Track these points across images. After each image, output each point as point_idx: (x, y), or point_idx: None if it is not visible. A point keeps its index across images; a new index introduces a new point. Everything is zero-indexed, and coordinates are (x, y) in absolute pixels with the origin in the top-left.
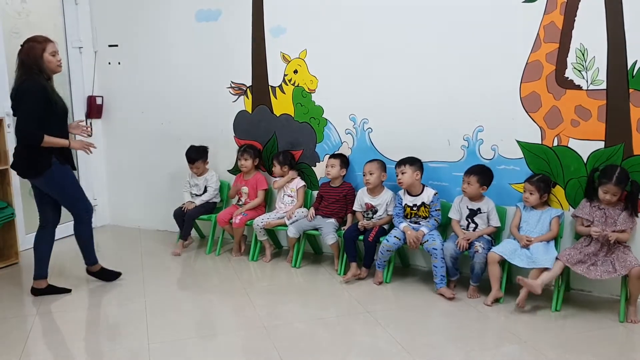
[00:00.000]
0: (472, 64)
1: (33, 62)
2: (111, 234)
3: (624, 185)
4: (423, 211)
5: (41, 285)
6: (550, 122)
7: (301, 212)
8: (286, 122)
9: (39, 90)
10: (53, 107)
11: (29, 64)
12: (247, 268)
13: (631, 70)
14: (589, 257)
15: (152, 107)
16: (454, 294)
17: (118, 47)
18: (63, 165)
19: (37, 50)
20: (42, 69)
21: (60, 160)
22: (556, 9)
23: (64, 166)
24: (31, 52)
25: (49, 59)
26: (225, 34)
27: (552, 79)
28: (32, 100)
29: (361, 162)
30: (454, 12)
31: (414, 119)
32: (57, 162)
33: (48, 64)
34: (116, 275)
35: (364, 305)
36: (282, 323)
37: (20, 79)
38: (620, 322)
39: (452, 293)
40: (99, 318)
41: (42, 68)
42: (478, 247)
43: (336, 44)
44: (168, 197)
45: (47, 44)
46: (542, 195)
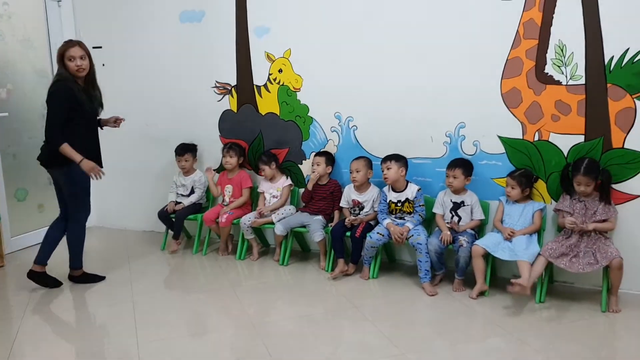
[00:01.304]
0: (453, 62)
1: (60, 65)
2: (97, 236)
3: (594, 176)
4: (407, 207)
5: (36, 270)
6: (531, 117)
7: (288, 209)
8: (272, 121)
9: (63, 93)
10: (79, 110)
11: (59, 67)
12: (234, 267)
13: (608, 66)
14: (571, 248)
15: (137, 108)
16: (435, 292)
17: (102, 48)
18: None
19: (59, 54)
20: (68, 71)
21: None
22: (535, 6)
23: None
24: (58, 55)
25: (67, 63)
26: (209, 35)
27: (532, 74)
28: (56, 103)
29: (347, 160)
30: (435, 11)
31: (398, 116)
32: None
33: (68, 68)
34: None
35: (351, 301)
36: (270, 321)
37: (53, 81)
38: (602, 312)
39: (433, 290)
40: (87, 319)
41: (67, 70)
42: (462, 241)
43: (320, 43)
44: (153, 197)
45: (67, 48)
46: (523, 190)
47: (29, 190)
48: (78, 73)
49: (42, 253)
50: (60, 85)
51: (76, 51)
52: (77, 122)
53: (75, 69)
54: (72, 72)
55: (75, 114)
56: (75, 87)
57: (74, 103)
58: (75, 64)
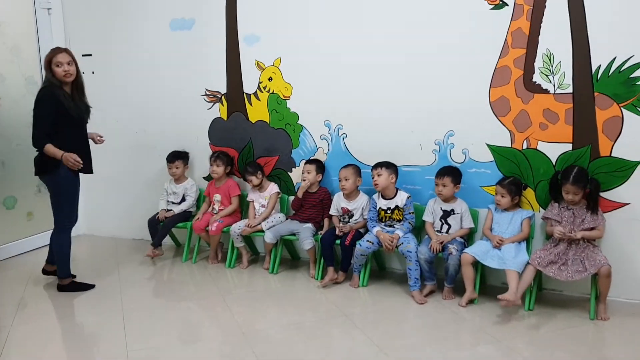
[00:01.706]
0: (442, 70)
1: (47, 71)
2: (86, 244)
3: (582, 184)
4: (397, 214)
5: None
6: (519, 125)
7: (278, 217)
8: (262, 129)
9: (49, 99)
10: (66, 116)
11: (46, 73)
12: (224, 275)
13: (595, 74)
14: (559, 256)
15: (127, 116)
16: (424, 301)
17: (92, 56)
18: (70, 171)
19: (46, 62)
20: (54, 77)
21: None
22: (523, 15)
23: (71, 172)
24: (45, 63)
25: (54, 69)
26: (200, 43)
27: (521, 83)
28: (41, 108)
29: (337, 167)
30: (423, 20)
31: (387, 124)
32: (66, 166)
33: (55, 74)
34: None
35: (341, 309)
36: (260, 329)
37: (40, 87)
38: (590, 320)
39: (422, 299)
40: (76, 327)
41: (54, 77)
42: (452, 249)
43: (310, 52)
44: (143, 206)
45: (55, 54)
46: (513, 198)
47: (18, 198)
48: (65, 78)
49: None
50: (47, 91)
51: (63, 57)
52: (64, 128)
53: (63, 74)
54: (59, 78)
55: (62, 119)
56: (62, 94)
57: (60, 109)
58: (62, 69)
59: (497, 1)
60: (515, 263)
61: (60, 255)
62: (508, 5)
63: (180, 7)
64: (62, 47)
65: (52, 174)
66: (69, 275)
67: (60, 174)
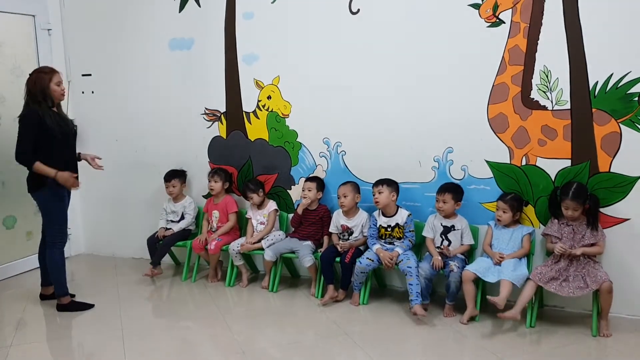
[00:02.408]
0: (440, 87)
1: (39, 91)
2: (86, 263)
3: (582, 200)
4: (397, 232)
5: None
6: (517, 142)
7: (278, 235)
8: (261, 147)
9: (34, 117)
10: (50, 133)
11: (34, 93)
12: (223, 294)
13: (593, 91)
14: (560, 272)
15: (126, 135)
16: (425, 314)
17: (92, 76)
18: (57, 187)
19: (44, 81)
20: (47, 96)
21: (58, 183)
22: (519, 32)
23: (58, 188)
24: (38, 82)
25: (54, 88)
26: (199, 62)
27: (518, 100)
28: (25, 126)
29: (336, 185)
30: (421, 37)
31: (386, 141)
32: (53, 182)
33: (53, 93)
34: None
35: (342, 327)
36: (260, 348)
37: (24, 107)
38: (593, 337)
39: (424, 313)
40: (75, 347)
41: (47, 96)
42: (453, 266)
43: (308, 70)
44: (143, 224)
45: (54, 74)
46: (514, 214)
47: (18, 218)
48: (62, 97)
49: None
50: (30, 110)
51: (60, 77)
52: (49, 145)
53: (61, 93)
54: (56, 97)
55: (46, 136)
56: (47, 112)
57: (44, 126)
58: (61, 88)
59: (493, 19)
60: (512, 275)
61: (55, 273)
62: (505, 23)
63: (179, 26)
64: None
65: (40, 191)
66: (67, 294)
67: (47, 191)
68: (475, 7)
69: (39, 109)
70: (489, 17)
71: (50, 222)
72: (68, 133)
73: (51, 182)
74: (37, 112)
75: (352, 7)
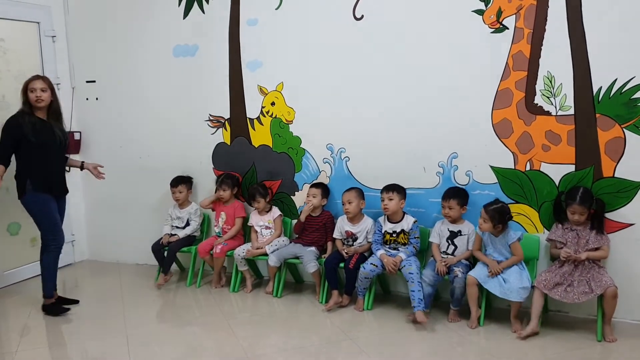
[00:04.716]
0: (445, 92)
1: (23, 96)
2: (90, 269)
3: (588, 205)
4: (402, 238)
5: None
6: (522, 147)
7: (282, 241)
8: (265, 153)
9: (11, 124)
10: (27, 139)
11: (22, 99)
12: (228, 299)
13: (597, 96)
14: (565, 277)
15: (131, 141)
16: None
17: (96, 82)
18: (37, 192)
19: (23, 87)
20: (25, 103)
21: (36, 186)
22: (523, 38)
23: (38, 193)
24: (22, 88)
25: (28, 94)
26: (203, 69)
27: (522, 105)
28: (2, 131)
29: (340, 191)
30: (426, 43)
31: (390, 147)
32: (31, 188)
33: (28, 99)
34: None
35: (346, 333)
36: (265, 353)
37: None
38: (598, 342)
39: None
40: (80, 353)
41: (25, 102)
42: (457, 272)
43: (312, 76)
44: (147, 231)
45: (31, 81)
46: (495, 225)
47: (22, 224)
48: (37, 104)
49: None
50: (11, 117)
51: (37, 84)
52: (27, 152)
53: (35, 99)
54: (31, 103)
55: (23, 145)
56: (28, 120)
57: (19, 135)
58: (35, 94)
59: (497, 25)
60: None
61: (45, 274)
62: (508, 28)
63: (183, 33)
64: (41, 75)
65: (23, 197)
66: (52, 296)
67: (28, 196)
68: (479, 13)
69: (20, 115)
70: (493, 23)
71: (38, 226)
72: (48, 142)
73: (29, 187)
74: (17, 118)
75: (356, 13)
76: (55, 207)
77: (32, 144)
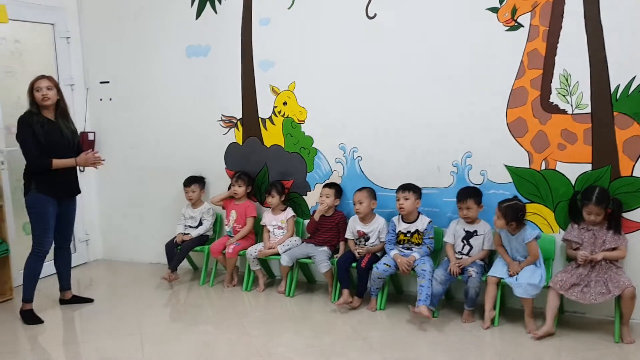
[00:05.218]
0: (459, 92)
1: (29, 97)
2: (104, 268)
3: (605, 205)
4: (416, 238)
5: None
6: (537, 146)
7: (294, 240)
8: (277, 153)
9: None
10: (36, 138)
11: (28, 99)
12: (240, 298)
13: (614, 94)
14: (582, 278)
15: (144, 141)
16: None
17: (109, 83)
18: (39, 194)
19: (29, 87)
20: (32, 103)
21: (40, 188)
22: (539, 36)
23: (41, 195)
24: (28, 89)
25: (35, 93)
26: (215, 69)
27: (538, 104)
28: (20, 133)
29: (352, 191)
30: (440, 41)
31: (403, 146)
32: (35, 189)
33: (35, 98)
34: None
35: (359, 333)
36: (278, 352)
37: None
38: (615, 343)
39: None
40: (94, 352)
41: (32, 102)
42: (471, 272)
43: (324, 76)
44: (160, 230)
45: (35, 81)
46: (508, 223)
47: None
48: (43, 102)
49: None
50: (21, 118)
51: (43, 83)
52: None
53: (41, 97)
54: (38, 102)
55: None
56: (37, 120)
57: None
58: (41, 93)
59: (512, 23)
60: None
61: (27, 278)
62: (523, 26)
63: (196, 33)
64: (46, 75)
65: (25, 196)
66: (29, 301)
67: (29, 196)
68: (494, 11)
69: (29, 116)
70: (508, 21)
71: (32, 228)
72: (56, 143)
73: (33, 188)
74: (26, 118)
75: (369, 11)
76: (54, 213)
77: (41, 145)
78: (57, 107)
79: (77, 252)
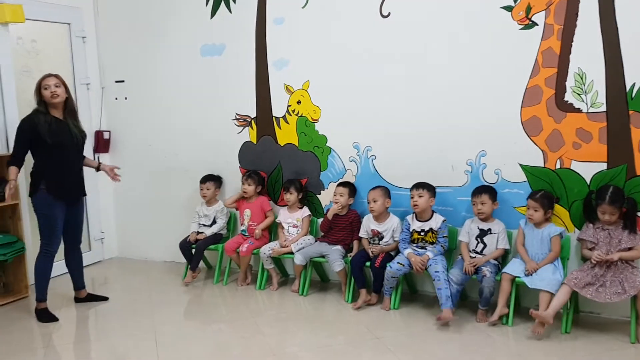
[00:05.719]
0: (473, 90)
1: (36, 96)
2: (119, 266)
3: (619, 204)
4: (430, 237)
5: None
6: (552, 145)
7: (308, 239)
8: (291, 152)
9: (26, 125)
10: (42, 139)
11: (36, 99)
12: (254, 297)
13: (630, 92)
14: (597, 277)
15: (159, 140)
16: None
17: (125, 82)
18: (48, 194)
19: (37, 86)
20: (39, 101)
21: (49, 188)
22: (553, 34)
23: (49, 196)
24: (35, 89)
25: (43, 92)
26: (230, 68)
27: (552, 102)
28: (17, 132)
29: (366, 189)
30: (454, 40)
31: (417, 145)
32: (45, 189)
33: (43, 97)
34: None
35: (372, 332)
36: (291, 351)
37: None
38: (631, 344)
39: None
40: (109, 349)
41: (39, 101)
42: (485, 272)
43: (338, 75)
44: (175, 228)
45: (44, 79)
46: (546, 212)
47: None
48: (52, 99)
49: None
50: (25, 117)
51: (50, 80)
52: (42, 153)
53: (49, 95)
54: (46, 100)
55: (37, 144)
56: (44, 119)
57: (34, 135)
58: (49, 90)
59: (526, 21)
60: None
61: (38, 279)
62: (538, 25)
63: (210, 32)
64: (53, 73)
65: (31, 196)
66: (43, 300)
67: (36, 197)
68: (508, 9)
69: (35, 115)
70: (522, 20)
71: (40, 229)
72: (64, 143)
73: (42, 188)
74: (32, 118)
75: (383, 10)
76: (62, 214)
77: (48, 145)
78: (66, 105)
79: (92, 250)
